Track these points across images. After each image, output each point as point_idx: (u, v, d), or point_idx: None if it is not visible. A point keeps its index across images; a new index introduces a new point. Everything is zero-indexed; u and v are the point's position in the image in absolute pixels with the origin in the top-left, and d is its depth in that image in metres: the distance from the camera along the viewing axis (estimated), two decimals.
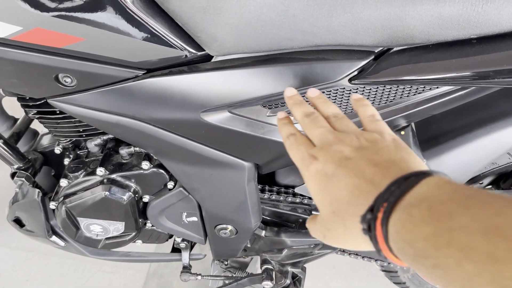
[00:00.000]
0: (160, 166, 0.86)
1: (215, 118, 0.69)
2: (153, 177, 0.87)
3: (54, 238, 1.02)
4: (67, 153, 0.96)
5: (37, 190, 0.94)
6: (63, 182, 0.88)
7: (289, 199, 0.92)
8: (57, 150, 0.94)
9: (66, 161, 0.96)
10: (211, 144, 0.74)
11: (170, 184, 0.88)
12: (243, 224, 0.90)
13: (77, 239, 0.95)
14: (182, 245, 1.03)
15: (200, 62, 0.66)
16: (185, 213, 0.92)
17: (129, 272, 1.48)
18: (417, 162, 0.43)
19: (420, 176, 0.38)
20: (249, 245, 1.00)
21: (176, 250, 1.10)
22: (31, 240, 1.55)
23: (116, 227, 0.91)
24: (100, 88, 0.68)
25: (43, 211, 0.96)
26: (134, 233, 0.94)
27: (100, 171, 0.85)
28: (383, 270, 1.27)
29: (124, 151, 0.86)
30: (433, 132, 0.86)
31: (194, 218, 0.93)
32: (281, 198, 0.92)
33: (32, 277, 1.46)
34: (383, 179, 0.40)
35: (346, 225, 0.42)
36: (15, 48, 0.61)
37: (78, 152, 0.93)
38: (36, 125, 1.04)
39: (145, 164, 0.85)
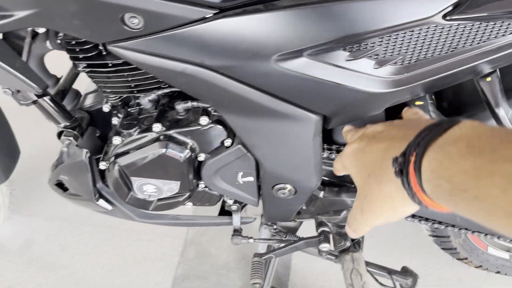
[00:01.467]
0: (219, 122, 0.82)
1: (290, 64, 0.64)
2: (210, 134, 0.82)
3: (101, 201, 0.98)
4: (115, 111, 0.91)
5: (85, 150, 0.90)
6: (116, 140, 0.84)
7: None
8: (106, 108, 0.90)
9: (115, 120, 0.91)
10: (281, 94, 0.69)
11: (228, 142, 0.83)
12: (303, 183, 0.86)
13: (128, 201, 0.91)
14: (234, 207, 0.99)
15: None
16: (241, 173, 0.88)
17: (166, 240, 1.46)
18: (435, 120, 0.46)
19: (451, 122, 0.39)
20: (304, 207, 0.96)
21: (224, 213, 1.06)
22: (64, 210, 1.53)
23: (171, 187, 0.87)
24: (168, 31, 0.62)
25: (90, 172, 0.92)
26: (187, 194, 0.90)
27: (157, 127, 0.81)
28: (433, 236, 1.23)
29: (180, 106, 0.81)
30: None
31: (250, 178, 0.89)
32: None
33: (67, 246, 1.44)
34: (413, 133, 0.41)
35: (382, 182, 0.44)
36: None
37: (129, 110, 0.89)
38: (77, 85, 1.00)
39: (204, 120, 0.80)
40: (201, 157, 0.86)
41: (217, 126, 0.81)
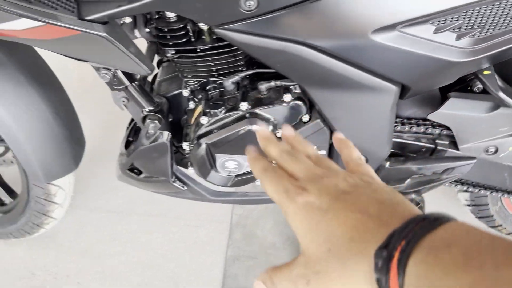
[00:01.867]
0: (299, 98, 0.89)
1: (383, 37, 0.72)
2: (292, 110, 0.89)
3: (177, 182, 1.04)
4: (192, 96, 0.98)
5: (167, 132, 0.96)
6: (204, 120, 0.90)
7: (414, 129, 0.95)
8: (185, 92, 0.96)
9: (192, 104, 0.98)
10: (371, 66, 0.77)
11: (306, 117, 0.90)
12: (376, 153, 0.93)
13: (209, 178, 0.98)
14: None
15: None
16: (315, 147, 0.95)
17: (213, 225, 1.52)
18: (416, 208, 0.39)
19: (441, 218, 0.34)
20: None
21: None
22: (107, 202, 1.57)
23: None
24: (276, 12, 0.69)
25: (170, 154, 0.98)
26: None
27: (243, 105, 0.88)
28: (471, 205, 1.32)
29: (263, 86, 0.88)
30: None
31: (323, 152, 0.96)
32: (406, 128, 0.95)
33: (117, 235, 1.49)
34: (391, 217, 0.35)
35: (347, 265, 0.35)
36: None
37: (209, 93, 0.95)
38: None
39: (287, 97, 0.87)
40: (279, 133, 0.93)
41: (298, 102, 0.88)
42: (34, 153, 1.00)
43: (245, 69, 0.91)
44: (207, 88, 0.97)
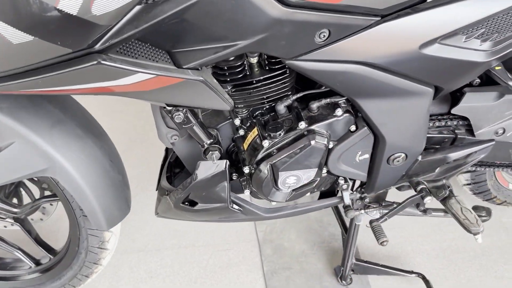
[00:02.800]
0: (348, 112, 1.00)
1: (428, 50, 0.86)
2: (342, 123, 1.00)
3: (234, 206, 1.11)
4: (241, 124, 1.06)
5: (225, 160, 1.03)
6: (266, 143, 0.99)
7: (436, 123, 1.11)
8: (237, 121, 1.05)
9: (241, 132, 1.06)
10: (416, 74, 0.90)
11: (353, 127, 1.02)
12: (414, 149, 1.07)
13: (271, 196, 1.06)
14: (345, 186, 1.17)
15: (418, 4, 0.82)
16: (360, 152, 1.07)
17: (242, 246, 1.58)
18: None
19: None
20: (403, 172, 1.17)
21: (322, 196, 1.24)
22: (133, 242, 1.58)
23: (308, 175, 1.04)
24: (343, 40, 0.81)
25: (228, 181, 1.06)
26: (317, 181, 1.07)
27: (301, 124, 0.97)
28: (471, 183, 1.51)
29: (314, 105, 0.99)
30: None
31: (366, 156, 1.08)
32: (431, 124, 1.10)
33: (154, 272, 1.50)
34: None
35: None
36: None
37: (260, 118, 1.04)
38: None
39: (339, 111, 0.98)
40: (330, 145, 1.04)
41: (347, 115, 1.00)
42: (97, 200, 1.03)
43: (291, 93, 1.01)
44: (256, 114, 1.05)
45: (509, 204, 1.66)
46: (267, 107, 1.03)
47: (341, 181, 1.16)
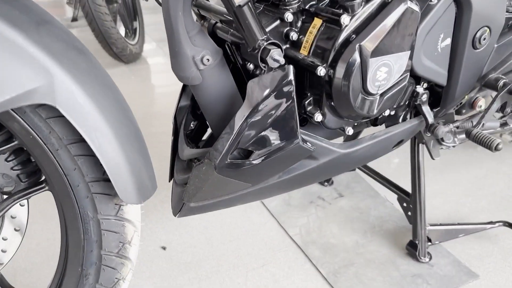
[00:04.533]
0: None
1: None
2: None
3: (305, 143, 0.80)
4: (292, 25, 0.80)
5: (290, 65, 0.74)
6: (345, 19, 0.72)
7: None
8: (289, 16, 0.78)
9: (294, 36, 0.80)
10: None
11: None
12: (497, 19, 0.89)
13: (358, 105, 0.77)
14: (424, 97, 0.91)
15: None
16: (442, 35, 0.85)
17: (280, 256, 1.19)
18: None
19: None
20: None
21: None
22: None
23: (400, 64, 0.78)
24: None
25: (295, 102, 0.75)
26: (406, 75, 0.81)
27: None
28: None
29: None
30: None
31: (447, 41, 0.87)
32: None
33: None
34: None
35: None
36: None
37: (317, 6, 0.79)
38: None
39: None
40: None
41: None
42: (123, 151, 0.65)
43: None
44: (309, 5, 0.80)
45: None
46: None
47: (420, 90, 0.91)
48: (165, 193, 1.42)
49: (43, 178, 0.72)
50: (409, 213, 1.20)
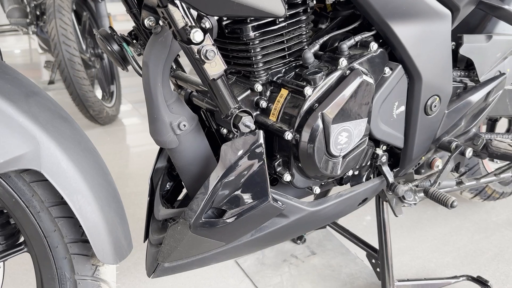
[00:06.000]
0: (381, 45, 0.90)
1: None
2: (378, 59, 0.88)
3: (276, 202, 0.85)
4: (261, 94, 0.88)
5: (260, 130, 0.81)
6: (308, 90, 0.81)
7: None
8: (258, 87, 0.86)
9: (263, 104, 0.87)
10: None
11: (387, 70, 0.91)
12: (445, 89, 0.99)
13: (322, 166, 0.84)
14: (383, 158, 0.99)
15: None
16: (396, 103, 0.95)
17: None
18: None
19: None
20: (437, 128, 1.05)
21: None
22: None
23: (359, 129, 0.86)
24: None
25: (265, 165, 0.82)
26: (366, 139, 0.89)
27: (342, 62, 0.83)
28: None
29: (345, 45, 0.86)
30: None
31: (402, 108, 0.96)
32: None
33: None
34: None
35: None
36: None
37: (283, 78, 0.87)
38: None
39: (373, 45, 0.87)
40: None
41: (382, 49, 0.89)
42: (103, 214, 0.68)
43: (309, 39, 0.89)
44: (277, 77, 0.88)
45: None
46: (287, 68, 0.88)
47: (380, 152, 0.99)
48: (138, 255, 1.43)
49: (22, 240, 0.74)
50: (378, 270, 1.24)
